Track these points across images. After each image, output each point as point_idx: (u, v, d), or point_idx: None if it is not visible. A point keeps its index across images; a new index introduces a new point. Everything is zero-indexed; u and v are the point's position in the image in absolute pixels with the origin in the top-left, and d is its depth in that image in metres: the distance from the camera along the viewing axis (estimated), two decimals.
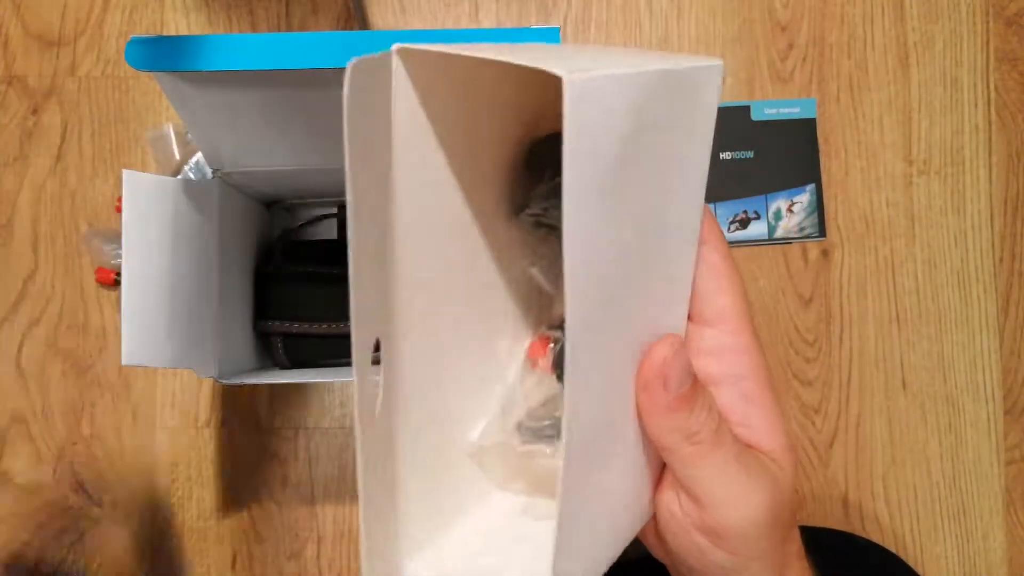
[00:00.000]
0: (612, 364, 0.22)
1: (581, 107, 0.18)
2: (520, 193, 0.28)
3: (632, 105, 0.19)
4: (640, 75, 0.20)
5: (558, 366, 0.27)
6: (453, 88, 0.23)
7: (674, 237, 0.23)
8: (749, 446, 0.25)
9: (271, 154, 0.45)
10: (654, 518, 0.26)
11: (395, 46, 0.21)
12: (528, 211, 0.27)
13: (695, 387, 0.23)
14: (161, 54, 0.35)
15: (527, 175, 0.27)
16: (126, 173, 0.40)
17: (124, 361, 0.40)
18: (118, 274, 0.57)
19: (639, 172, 0.21)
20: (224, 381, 0.45)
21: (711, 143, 0.23)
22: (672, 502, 0.25)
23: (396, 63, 0.22)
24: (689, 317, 0.26)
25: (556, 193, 0.19)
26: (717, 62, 0.23)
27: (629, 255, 0.21)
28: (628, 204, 0.20)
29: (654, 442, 0.24)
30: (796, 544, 0.26)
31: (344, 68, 0.19)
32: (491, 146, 0.26)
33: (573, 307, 0.19)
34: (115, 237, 0.57)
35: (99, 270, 0.58)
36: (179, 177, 0.57)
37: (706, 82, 0.23)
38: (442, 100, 0.23)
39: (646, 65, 0.20)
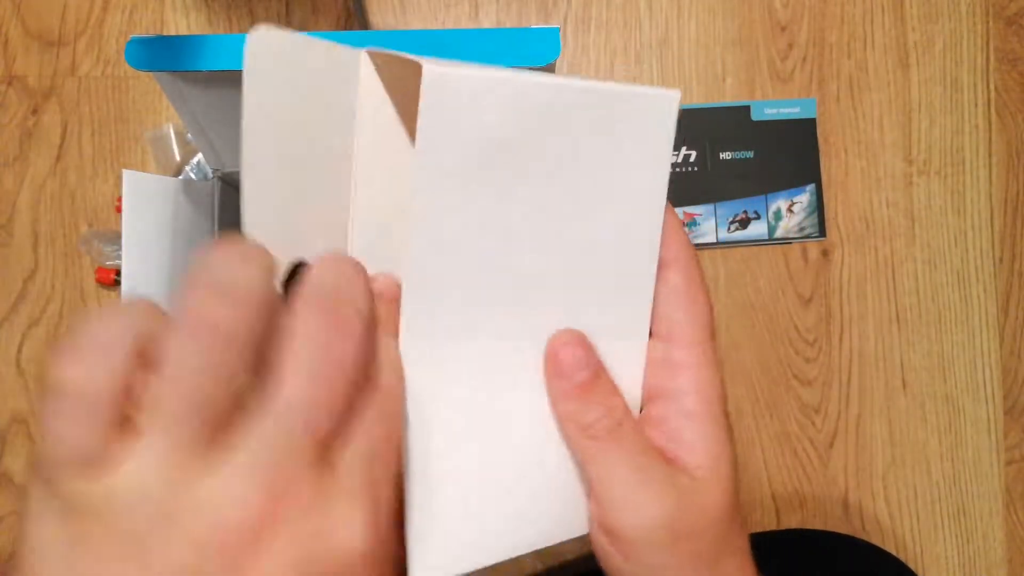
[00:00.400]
0: (514, 366, 0.24)
1: (438, 97, 0.19)
2: None
3: (518, 107, 0.21)
4: (536, 83, 0.21)
5: None
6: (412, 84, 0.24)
7: (608, 252, 0.24)
8: (670, 460, 0.24)
9: None
10: None
11: (364, 51, 0.23)
12: None
13: (593, 381, 0.24)
14: (161, 54, 0.34)
15: None
16: (126, 173, 0.40)
17: None
18: (118, 274, 0.57)
19: (533, 177, 0.22)
20: None
21: (666, 169, 0.24)
22: (590, 502, 0.25)
23: (364, 59, 0.23)
24: (652, 332, 0.26)
25: None
26: (673, 93, 0.24)
27: (517, 261, 0.22)
28: (511, 206, 0.22)
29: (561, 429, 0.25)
30: (730, 569, 0.25)
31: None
32: None
33: (410, 300, 0.21)
34: (115, 237, 0.57)
35: (99, 270, 0.58)
36: (179, 177, 0.57)
37: (658, 109, 0.24)
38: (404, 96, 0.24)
39: (561, 81, 0.22)
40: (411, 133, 0.25)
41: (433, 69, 0.19)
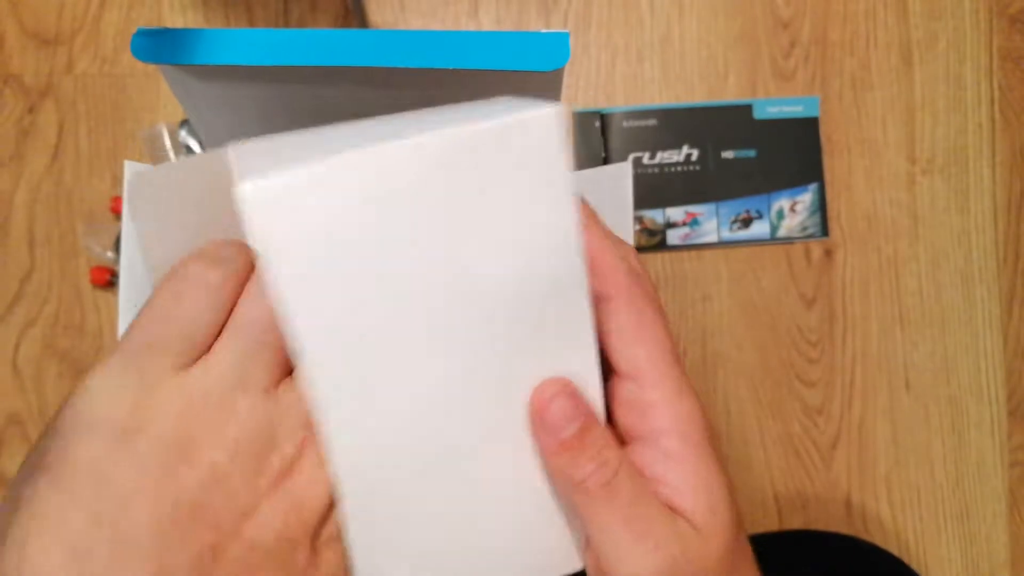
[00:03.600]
0: (478, 411, 0.23)
1: (269, 212, 0.18)
2: None
3: (372, 187, 0.19)
4: (383, 153, 0.19)
5: None
6: None
7: (535, 297, 0.22)
8: (668, 506, 0.23)
9: None
10: None
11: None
12: None
13: (583, 434, 0.22)
14: (168, 46, 0.34)
15: None
16: (128, 164, 0.40)
17: None
18: (114, 274, 0.57)
19: (422, 252, 0.20)
20: None
21: (566, 196, 0.22)
22: (584, 549, 0.25)
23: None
24: (614, 370, 0.25)
25: None
26: (550, 110, 0.20)
27: (425, 325, 0.21)
28: (413, 293, 0.20)
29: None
30: None
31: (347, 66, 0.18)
32: None
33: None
34: (111, 237, 0.57)
35: (94, 270, 0.58)
36: None
37: (536, 133, 0.21)
38: None
39: (412, 140, 0.19)
40: None
41: (247, 187, 0.18)
